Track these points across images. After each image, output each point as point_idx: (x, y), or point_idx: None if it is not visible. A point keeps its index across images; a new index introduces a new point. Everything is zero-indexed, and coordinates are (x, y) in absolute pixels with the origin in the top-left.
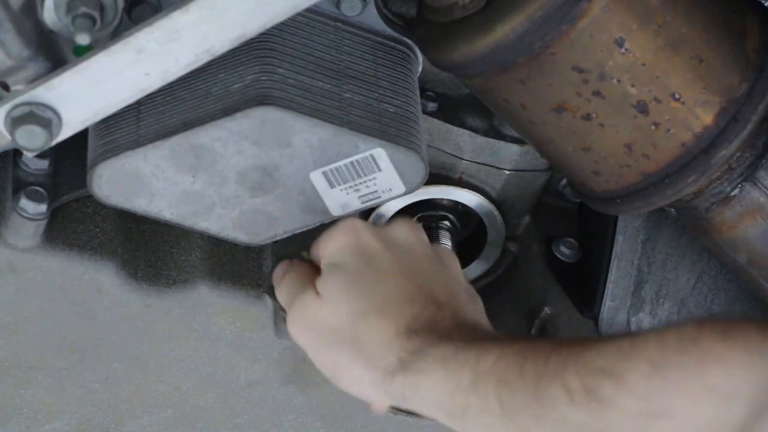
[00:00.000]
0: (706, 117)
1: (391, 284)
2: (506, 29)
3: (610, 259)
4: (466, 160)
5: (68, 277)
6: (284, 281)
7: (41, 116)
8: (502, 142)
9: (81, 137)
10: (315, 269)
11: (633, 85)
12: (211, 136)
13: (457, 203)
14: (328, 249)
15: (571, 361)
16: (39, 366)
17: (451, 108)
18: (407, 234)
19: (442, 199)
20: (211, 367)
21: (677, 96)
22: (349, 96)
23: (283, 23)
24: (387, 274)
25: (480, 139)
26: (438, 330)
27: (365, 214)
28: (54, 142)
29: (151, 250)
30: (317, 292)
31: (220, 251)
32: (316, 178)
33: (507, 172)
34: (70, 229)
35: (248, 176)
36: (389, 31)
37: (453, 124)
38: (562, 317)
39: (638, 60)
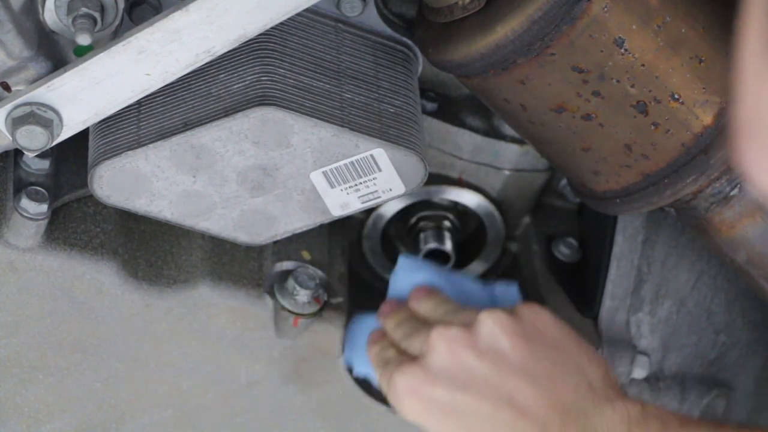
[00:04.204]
0: (705, 117)
1: (515, 415)
2: (506, 29)
3: (609, 259)
4: (466, 160)
5: (69, 276)
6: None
7: (42, 116)
8: (502, 142)
9: (82, 137)
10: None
11: (632, 86)
12: (212, 136)
13: (457, 203)
14: (431, 360)
15: None
16: (40, 365)
17: (451, 108)
18: (501, 336)
19: (442, 199)
20: (212, 366)
21: (677, 96)
22: (349, 96)
23: (283, 23)
24: (505, 403)
25: (480, 139)
26: None
27: (366, 213)
28: (55, 143)
29: (152, 250)
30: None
31: (221, 251)
32: (317, 178)
33: (507, 172)
34: (70, 228)
35: (249, 176)
36: (389, 31)
37: (453, 124)
38: (561, 317)
39: (638, 60)
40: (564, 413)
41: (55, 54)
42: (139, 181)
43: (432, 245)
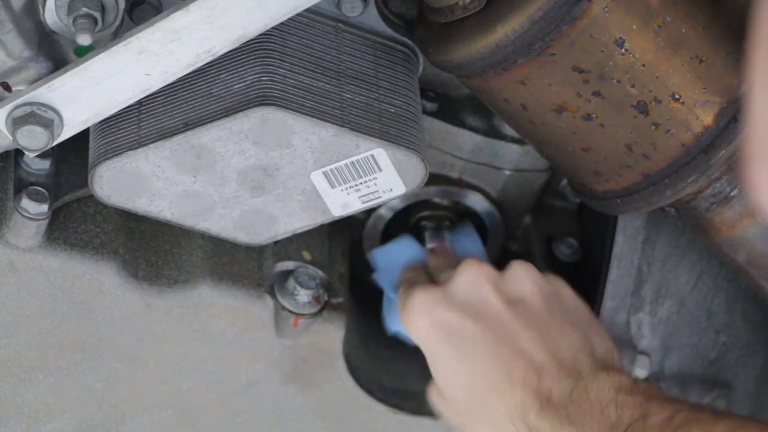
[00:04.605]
0: (706, 117)
1: (515, 353)
2: (506, 29)
3: (609, 259)
4: (466, 160)
5: (69, 276)
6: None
7: (42, 116)
8: (502, 142)
9: (82, 137)
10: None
11: (633, 86)
12: (212, 136)
13: (457, 203)
14: (454, 286)
15: None
16: (40, 365)
17: (451, 108)
18: (525, 283)
19: (443, 199)
20: (212, 366)
21: (677, 96)
22: (349, 96)
23: (283, 23)
24: (508, 340)
25: (480, 139)
26: (569, 407)
27: (366, 213)
28: (55, 143)
29: (152, 250)
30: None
31: (221, 251)
32: (317, 178)
33: (507, 172)
34: (71, 229)
35: (249, 176)
36: (390, 31)
37: (453, 124)
38: None
39: (638, 60)
40: (560, 365)
41: (55, 54)
42: (139, 181)
43: (432, 245)
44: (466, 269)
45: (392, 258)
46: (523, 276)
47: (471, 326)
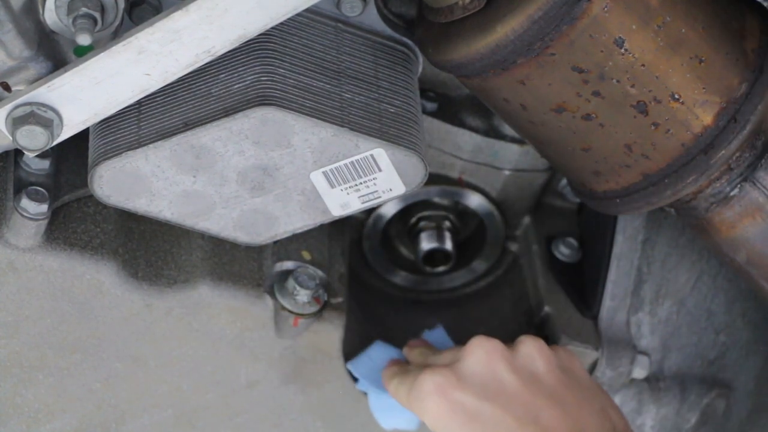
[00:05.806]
0: (705, 117)
1: None
2: (506, 29)
3: (609, 259)
4: (466, 160)
5: (69, 276)
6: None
7: (42, 116)
8: (502, 142)
9: (82, 137)
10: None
11: (633, 86)
12: (212, 136)
13: (457, 203)
14: (465, 366)
15: None
16: (40, 365)
17: (451, 108)
18: (539, 360)
19: (443, 199)
20: (212, 366)
21: (677, 96)
22: (349, 96)
23: (283, 23)
24: (530, 420)
25: (480, 139)
26: None
27: (366, 213)
28: (55, 143)
29: (152, 249)
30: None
31: (221, 251)
32: (317, 178)
33: (507, 172)
34: (71, 228)
35: (249, 176)
36: (389, 31)
37: (453, 124)
38: (561, 317)
39: (638, 60)
40: None
41: (55, 54)
42: (139, 181)
43: (432, 245)
44: (476, 347)
45: (371, 363)
46: (534, 352)
47: (489, 408)
